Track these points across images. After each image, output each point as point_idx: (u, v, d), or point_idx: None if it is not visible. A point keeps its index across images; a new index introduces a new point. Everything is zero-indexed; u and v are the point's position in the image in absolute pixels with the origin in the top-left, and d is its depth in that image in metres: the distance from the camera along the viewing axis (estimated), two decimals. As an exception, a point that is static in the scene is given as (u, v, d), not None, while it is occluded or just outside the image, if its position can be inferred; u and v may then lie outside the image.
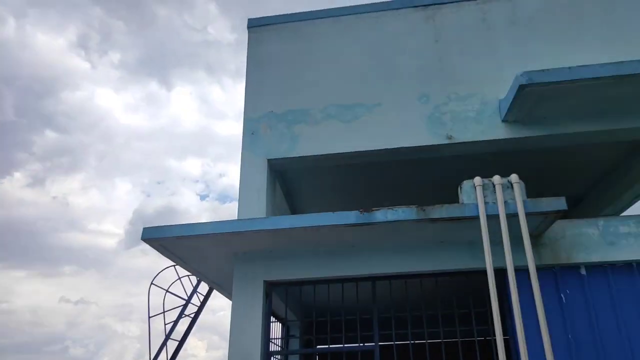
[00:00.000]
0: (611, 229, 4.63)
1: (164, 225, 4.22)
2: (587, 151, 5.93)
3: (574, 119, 5.13)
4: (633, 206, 7.05)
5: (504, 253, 4.18)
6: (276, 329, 5.49)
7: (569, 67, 4.64)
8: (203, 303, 6.13)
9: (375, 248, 4.68)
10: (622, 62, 4.64)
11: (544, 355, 3.97)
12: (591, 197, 7.19)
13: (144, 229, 4.19)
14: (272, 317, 4.81)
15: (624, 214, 7.03)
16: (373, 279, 4.74)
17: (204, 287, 6.45)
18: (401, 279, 4.73)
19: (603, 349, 4.28)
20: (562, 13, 5.72)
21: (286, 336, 6.31)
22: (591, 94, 4.80)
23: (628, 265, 4.56)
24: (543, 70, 4.65)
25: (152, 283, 6.06)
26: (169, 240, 4.27)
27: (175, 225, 4.23)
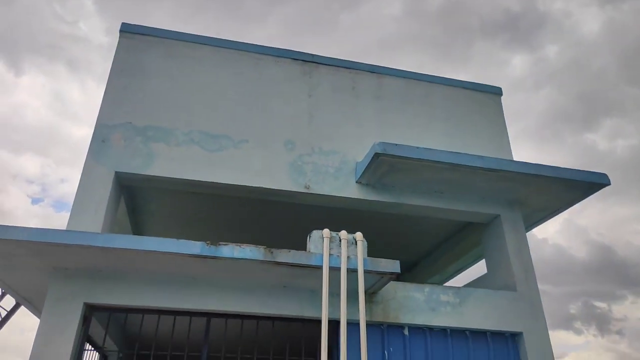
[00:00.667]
0: (434, 296, 5.10)
1: (-33, 222, 3.49)
2: (425, 223, 6.58)
3: (417, 193, 5.69)
4: (456, 277, 7.94)
5: (339, 305, 4.30)
6: (91, 357, 4.76)
7: (417, 147, 5.20)
8: (5, 318, 5.10)
9: (216, 283, 4.46)
10: (458, 153, 5.38)
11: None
12: (423, 265, 7.92)
13: (-61, 221, 3.41)
14: (87, 345, 4.17)
15: (447, 283, 7.87)
16: (209, 315, 4.47)
17: (8, 301, 5.40)
18: (238, 318, 4.54)
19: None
20: (418, 100, 6.48)
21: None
22: (432, 174, 5.39)
23: (443, 331, 5.02)
24: (397, 144, 5.13)
25: None
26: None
27: (-21, 223, 3.53)
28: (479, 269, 7.16)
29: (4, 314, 5.27)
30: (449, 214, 5.91)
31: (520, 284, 5.40)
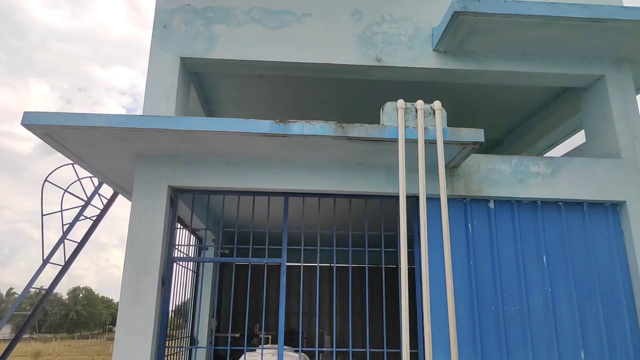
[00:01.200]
0: (522, 167, 4.72)
1: (49, 112, 3.68)
2: (511, 93, 6.00)
3: (502, 58, 5.09)
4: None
5: (418, 180, 4.12)
6: (181, 235, 5.14)
7: (505, 0, 4.53)
8: (106, 206, 5.63)
9: (291, 163, 4.46)
10: (555, 3, 4.61)
11: (445, 279, 4.02)
12: (508, 142, 7.41)
13: (25, 112, 3.63)
14: (178, 224, 4.48)
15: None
16: (287, 194, 4.53)
17: (108, 191, 5.93)
18: (315, 196, 4.56)
19: (500, 278, 4.43)
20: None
21: (197, 244, 6.04)
22: (521, 33, 4.75)
23: (533, 203, 4.69)
24: (479, 0, 4.50)
25: (46, 180, 5.45)
26: (54, 129, 3.74)
27: (62, 112, 3.69)
28: (572, 143, 6.53)
29: (105, 201, 5.74)
30: (540, 79, 5.28)
31: (626, 150, 4.82)
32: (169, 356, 4.78)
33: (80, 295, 78.16)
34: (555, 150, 7.29)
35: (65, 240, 5.41)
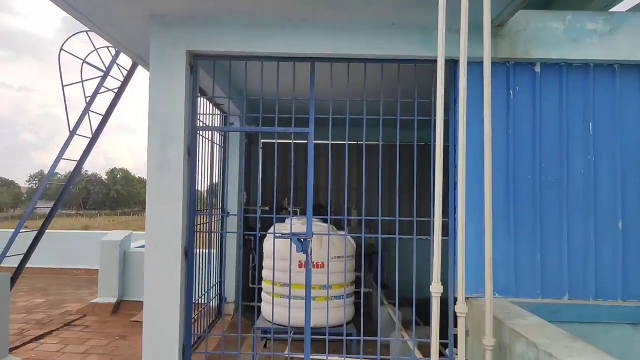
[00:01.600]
0: (577, 24, 4.19)
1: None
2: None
3: None
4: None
5: (458, 40, 3.70)
6: (203, 106, 4.99)
7: None
8: (127, 78, 5.46)
9: (317, 25, 4.06)
10: None
11: (483, 147, 3.80)
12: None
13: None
14: (199, 94, 4.28)
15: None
16: (313, 59, 4.21)
17: (128, 63, 5.72)
18: (344, 61, 4.22)
19: (540, 146, 4.18)
20: None
21: (221, 115, 5.94)
22: None
23: (585, 66, 4.25)
24: None
25: (61, 49, 5.24)
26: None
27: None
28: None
29: (125, 73, 5.53)
30: None
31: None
32: (201, 225, 4.90)
33: (118, 175, 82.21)
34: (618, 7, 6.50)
35: (90, 113, 5.33)
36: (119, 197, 78.44)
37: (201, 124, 4.86)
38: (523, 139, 4.19)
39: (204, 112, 4.94)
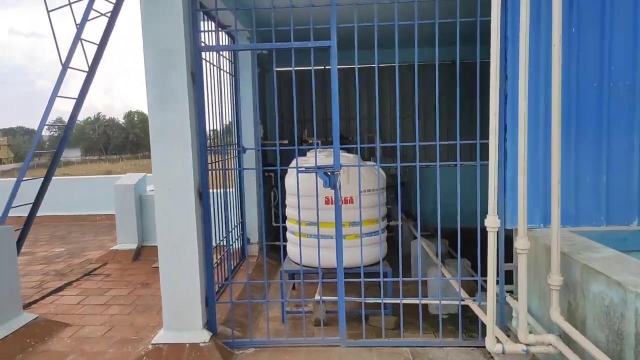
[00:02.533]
0: None
1: None
2: None
3: None
4: None
5: None
6: (207, 26, 4.34)
7: None
8: (119, 2, 4.78)
9: None
10: None
11: (538, 49, 3.13)
12: None
13: None
14: (199, 8, 3.61)
15: None
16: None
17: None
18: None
19: (610, 49, 3.46)
20: None
21: (230, 40, 5.28)
22: None
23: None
24: None
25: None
26: None
27: None
28: None
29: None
30: None
31: None
32: (215, 163, 4.41)
33: (135, 118, 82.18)
34: None
35: (83, 42, 4.73)
36: (139, 140, 78.89)
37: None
38: (588, 37, 3.47)
39: (208, 33, 4.28)
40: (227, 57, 5.65)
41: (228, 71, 5.64)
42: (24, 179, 4.74)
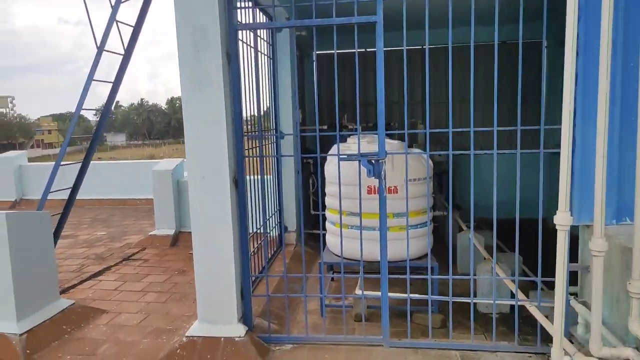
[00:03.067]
0: None
1: None
2: None
3: None
4: None
5: None
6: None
7: None
8: None
9: None
10: None
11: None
12: None
13: None
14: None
15: None
16: None
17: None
18: None
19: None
20: None
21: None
22: None
23: None
24: None
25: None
26: None
27: None
28: None
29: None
30: None
31: None
32: (251, 149, 4.21)
33: (177, 104, 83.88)
34: None
35: (119, 24, 4.60)
36: (180, 125, 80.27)
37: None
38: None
39: (244, 12, 4.05)
40: (265, 39, 5.42)
41: (265, 53, 5.40)
42: (61, 163, 4.69)
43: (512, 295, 4.29)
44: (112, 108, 5.17)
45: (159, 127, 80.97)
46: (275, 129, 5.95)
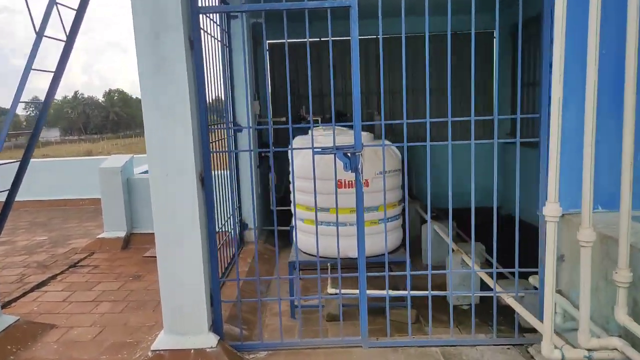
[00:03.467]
0: None
1: None
2: None
3: None
4: None
5: None
6: None
7: None
8: None
9: None
10: None
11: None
12: None
13: None
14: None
15: None
16: None
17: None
18: None
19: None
20: None
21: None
22: None
23: None
24: None
25: None
26: None
27: None
28: None
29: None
30: None
31: None
32: (214, 143, 3.93)
33: (115, 97, 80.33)
34: None
35: (60, 7, 4.13)
36: (119, 119, 77.17)
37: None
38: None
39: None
40: (220, 24, 5.10)
41: (220, 40, 5.09)
42: (-3, 163, 4.18)
43: (483, 286, 4.31)
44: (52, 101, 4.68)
45: (96, 121, 77.09)
46: (232, 121, 5.65)
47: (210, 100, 4.31)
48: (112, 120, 76.84)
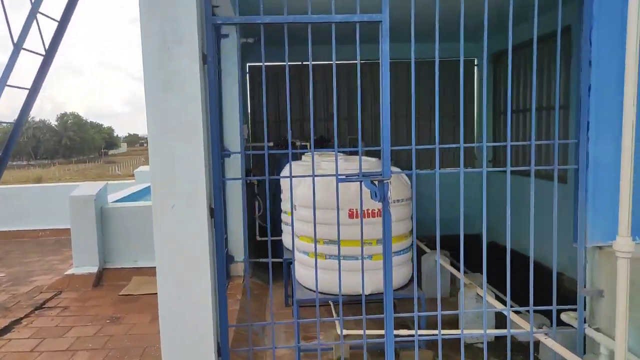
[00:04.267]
0: None
1: None
2: None
3: None
4: None
5: None
6: None
7: None
8: None
9: None
10: None
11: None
12: None
13: None
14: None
15: None
16: None
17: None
18: None
19: None
20: None
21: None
22: None
23: None
24: None
25: None
26: None
27: None
28: None
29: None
30: None
31: None
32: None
33: (69, 121, 77.66)
34: None
35: (40, 18, 3.71)
36: (72, 144, 74.31)
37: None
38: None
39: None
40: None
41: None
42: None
43: (497, 324, 4.09)
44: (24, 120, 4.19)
45: (48, 145, 73.88)
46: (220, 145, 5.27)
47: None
48: (64, 144, 73.89)
